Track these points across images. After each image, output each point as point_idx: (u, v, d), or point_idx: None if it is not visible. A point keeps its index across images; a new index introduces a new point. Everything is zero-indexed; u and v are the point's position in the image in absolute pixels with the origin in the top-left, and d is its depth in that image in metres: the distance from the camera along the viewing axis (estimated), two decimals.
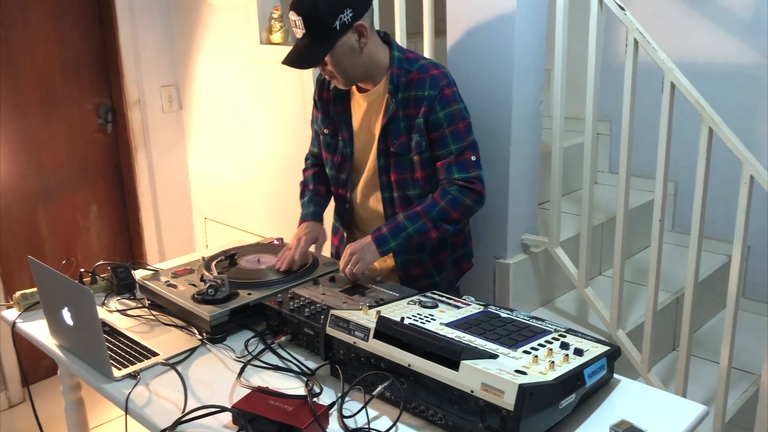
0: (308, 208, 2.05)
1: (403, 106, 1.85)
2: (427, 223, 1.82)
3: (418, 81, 1.83)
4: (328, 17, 1.70)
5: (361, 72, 1.84)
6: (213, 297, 1.68)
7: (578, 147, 2.59)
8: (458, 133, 1.84)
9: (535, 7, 2.15)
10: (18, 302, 1.88)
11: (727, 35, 2.85)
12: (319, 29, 1.72)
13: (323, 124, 2.01)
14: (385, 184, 1.94)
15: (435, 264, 2.02)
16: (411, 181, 1.91)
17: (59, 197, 3.15)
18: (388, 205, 1.96)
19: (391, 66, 1.85)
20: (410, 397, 1.33)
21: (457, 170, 1.84)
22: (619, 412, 1.35)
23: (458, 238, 2.05)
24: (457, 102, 1.85)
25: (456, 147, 1.84)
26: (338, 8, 1.70)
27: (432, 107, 1.82)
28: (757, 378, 2.42)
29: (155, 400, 1.44)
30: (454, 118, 1.84)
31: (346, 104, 1.96)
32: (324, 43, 1.73)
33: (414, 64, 1.86)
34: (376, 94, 1.89)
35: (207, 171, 3.36)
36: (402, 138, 1.86)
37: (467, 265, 2.13)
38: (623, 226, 2.18)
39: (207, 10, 3.05)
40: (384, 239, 1.82)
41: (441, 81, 1.83)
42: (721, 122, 1.92)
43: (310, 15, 1.70)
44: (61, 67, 3.06)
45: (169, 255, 3.43)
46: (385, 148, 1.90)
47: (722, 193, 2.63)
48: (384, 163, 1.92)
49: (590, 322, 2.41)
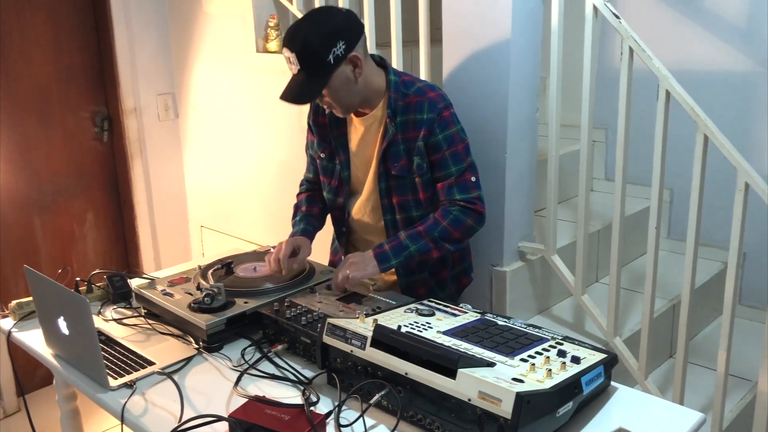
0: (298, 226, 2.06)
1: (402, 130, 1.86)
2: (429, 243, 1.84)
3: (416, 104, 1.84)
4: (321, 52, 1.71)
5: (358, 100, 1.85)
6: (209, 306, 1.68)
7: (574, 154, 2.60)
8: (458, 155, 1.86)
9: (530, 15, 2.15)
10: (13, 311, 1.87)
11: (721, 43, 2.87)
12: (314, 64, 1.73)
13: (319, 148, 2.02)
14: (387, 207, 1.95)
15: (437, 281, 2.03)
16: (413, 202, 1.92)
17: (55, 205, 3.14)
18: (391, 228, 1.96)
19: (388, 90, 1.87)
20: (407, 405, 1.33)
21: (458, 191, 1.87)
22: (617, 420, 1.35)
23: (456, 254, 2.05)
24: (455, 124, 1.87)
25: (456, 168, 1.86)
26: (331, 42, 1.71)
27: (431, 130, 1.83)
28: (754, 385, 2.42)
29: (151, 410, 1.44)
30: (454, 140, 1.86)
31: (342, 128, 1.96)
32: (320, 77, 1.74)
33: (411, 87, 1.87)
34: (373, 118, 1.90)
35: (203, 179, 3.36)
36: (402, 161, 1.87)
37: (467, 279, 2.14)
38: (619, 234, 2.18)
39: (203, 18, 3.06)
40: (386, 256, 1.82)
41: (439, 104, 1.85)
42: (716, 129, 1.92)
43: (303, 51, 1.71)
44: (57, 75, 3.06)
45: (165, 263, 3.42)
46: (385, 171, 1.91)
47: (718, 201, 2.63)
48: (385, 186, 1.92)
49: (587, 329, 2.40)
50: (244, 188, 3.11)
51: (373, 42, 2.52)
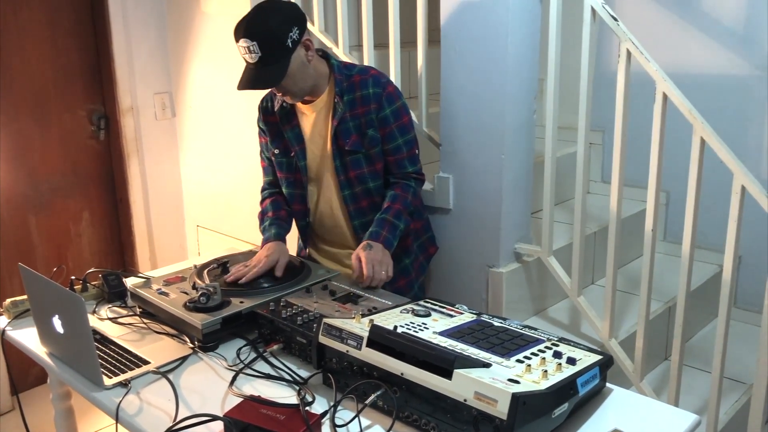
0: (270, 230, 2.08)
1: (349, 108, 1.99)
2: (407, 217, 2.04)
3: (360, 82, 2.00)
4: (281, 37, 1.83)
5: (310, 84, 1.96)
6: (205, 305, 1.68)
7: (571, 156, 2.61)
8: (404, 127, 2.04)
9: (528, 18, 2.16)
10: (8, 309, 1.87)
11: (719, 46, 2.87)
12: (275, 50, 1.84)
13: (273, 145, 2.11)
14: (344, 183, 2.06)
15: (402, 248, 2.14)
16: (369, 174, 2.05)
17: (51, 204, 3.14)
18: (351, 202, 2.08)
19: (333, 73, 2.00)
20: (403, 406, 1.33)
21: (409, 164, 2.07)
22: (612, 422, 1.35)
23: (419, 224, 2.22)
24: (400, 98, 2.04)
25: (404, 140, 2.04)
26: (288, 27, 1.85)
27: (380, 104, 1.99)
28: (749, 387, 2.43)
29: (146, 409, 1.43)
30: (400, 113, 2.02)
31: (293, 120, 2.07)
32: (280, 60, 1.86)
33: (353, 69, 2.03)
34: (322, 102, 2.02)
35: (200, 178, 3.35)
36: (353, 136, 2.00)
37: (433, 248, 2.31)
38: (615, 236, 2.18)
39: (201, 17, 3.06)
40: (389, 241, 1.96)
41: (382, 79, 2.01)
42: (713, 132, 1.93)
43: (266, 37, 1.83)
44: (54, 73, 3.05)
45: (161, 263, 3.41)
46: (338, 149, 2.03)
47: (714, 203, 2.64)
48: (340, 163, 2.04)
49: (583, 331, 2.41)
50: (240, 188, 3.10)
51: (371, 43, 2.53)
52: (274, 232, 2.06)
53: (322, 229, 2.18)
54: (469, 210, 2.32)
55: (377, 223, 1.99)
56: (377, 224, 1.99)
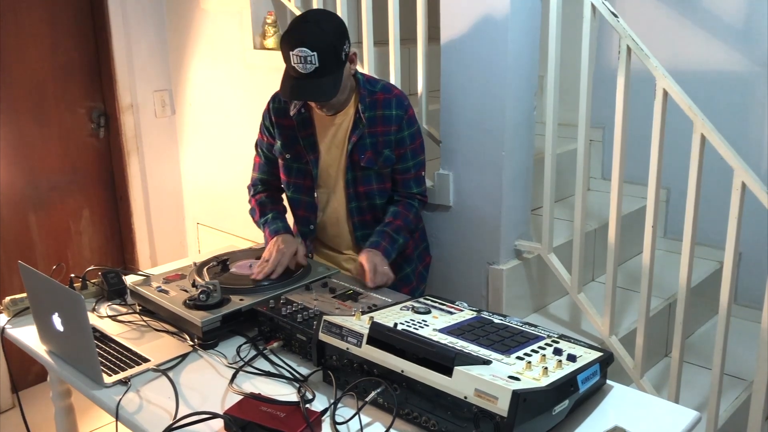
0: (276, 223, 2.08)
1: (369, 125, 2.00)
2: (407, 234, 2.07)
3: (384, 101, 2.01)
4: (339, 49, 1.84)
5: (345, 97, 1.97)
6: (205, 303, 1.67)
7: (571, 153, 2.60)
8: (416, 150, 2.08)
9: (528, 14, 2.15)
10: (7, 307, 1.87)
11: (719, 42, 2.87)
12: (332, 62, 1.83)
13: (284, 149, 2.09)
14: (353, 196, 2.07)
15: (403, 258, 2.17)
16: (377, 191, 2.07)
17: (51, 202, 3.13)
18: (356, 215, 2.10)
19: (358, 87, 2.00)
20: (403, 403, 1.33)
21: (415, 185, 2.11)
22: (612, 418, 1.35)
23: (417, 234, 2.24)
24: (416, 122, 2.08)
25: (414, 163, 2.08)
26: (343, 41, 1.86)
27: (401, 126, 2.02)
28: (749, 384, 2.43)
29: (146, 407, 1.43)
30: (415, 136, 2.07)
31: (309, 129, 2.06)
32: (335, 73, 1.85)
33: (376, 86, 2.04)
34: (345, 115, 2.02)
35: (199, 176, 3.35)
36: (368, 153, 2.01)
37: (429, 257, 2.34)
38: (616, 233, 2.18)
39: (200, 15, 3.05)
40: (388, 252, 1.96)
41: (404, 101, 2.03)
42: (713, 129, 1.92)
43: (326, 48, 1.81)
44: (53, 71, 3.05)
45: (161, 260, 3.41)
46: (352, 163, 2.03)
47: (714, 200, 2.63)
48: (352, 177, 2.05)
49: (583, 328, 2.41)
50: (240, 185, 3.09)
51: (371, 40, 2.52)
52: (282, 224, 2.08)
53: (324, 235, 2.19)
54: (469, 207, 2.32)
55: (377, 234, 2.01)
56: (377, 235, 2.01)
